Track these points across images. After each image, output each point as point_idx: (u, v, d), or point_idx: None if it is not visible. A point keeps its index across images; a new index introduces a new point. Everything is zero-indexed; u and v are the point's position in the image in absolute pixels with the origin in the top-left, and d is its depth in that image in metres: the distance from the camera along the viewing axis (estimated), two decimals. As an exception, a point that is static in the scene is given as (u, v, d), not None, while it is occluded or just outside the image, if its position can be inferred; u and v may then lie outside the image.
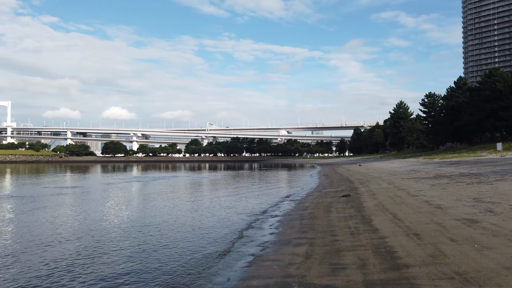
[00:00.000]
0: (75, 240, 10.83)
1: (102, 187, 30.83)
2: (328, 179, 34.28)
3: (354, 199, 16.52)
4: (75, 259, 8.77)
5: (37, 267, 8.19)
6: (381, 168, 42.85)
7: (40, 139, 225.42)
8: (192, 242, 10.23)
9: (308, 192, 23.52)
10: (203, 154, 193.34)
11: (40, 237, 11.15)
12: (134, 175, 53.06)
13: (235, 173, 55.10)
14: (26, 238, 11.15)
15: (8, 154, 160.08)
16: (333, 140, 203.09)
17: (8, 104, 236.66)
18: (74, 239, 10.89)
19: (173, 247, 9.68)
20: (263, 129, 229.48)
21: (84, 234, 11.55)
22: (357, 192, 19.51)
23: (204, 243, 10.06)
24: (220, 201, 20.21)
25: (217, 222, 13.11)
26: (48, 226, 13.11)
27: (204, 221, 13.56)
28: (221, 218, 13.99)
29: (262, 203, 18.41)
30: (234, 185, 32.97)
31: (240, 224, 12.48)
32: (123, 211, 16.95)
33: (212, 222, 13.25)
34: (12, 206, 18.45)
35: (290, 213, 14.29)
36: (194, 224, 13.09)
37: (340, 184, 27.14)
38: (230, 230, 11.68)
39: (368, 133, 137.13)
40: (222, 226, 12.36)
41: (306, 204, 16.58)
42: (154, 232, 11.79)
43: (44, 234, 11.74)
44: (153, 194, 25.08)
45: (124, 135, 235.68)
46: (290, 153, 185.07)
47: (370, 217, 11.40)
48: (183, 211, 16.47)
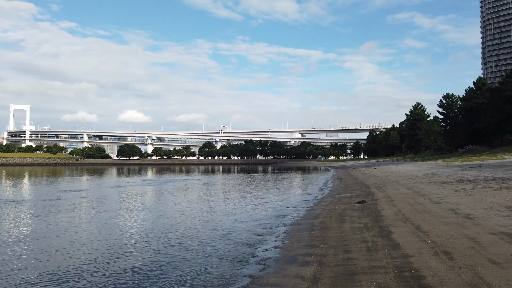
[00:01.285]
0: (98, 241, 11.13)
1: (118, 191, 30.02)
2: (342, 183, 32.77)
3: (370, 206, 15.10)
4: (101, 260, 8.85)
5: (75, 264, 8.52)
6: (398, 171, 41.08)
7: (58, 142, 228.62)
8: (182, 260, 9.01)
9: (320, 197, 22.12)
10: (216, 156, 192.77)
11: (74, 236, 11.78)
12: (150, 178, 52.35)
13: (248, 176, 53.88)
14: (60, 241, 11.26)
15: (26, 157, 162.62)
16: (347, 142, 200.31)
17: (27, 108, 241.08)
18: (97, 241, 11.14)
19: (160, 266, 8.49)
20: (276, 132, 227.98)
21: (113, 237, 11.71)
22: (373, 197, 18.06)
23: (197, 264, 8.84)
24: (225, 207, 18.98)
25: (216, 233, 11.85)
26: (80, 227, 13.51)
27: (203, 232, 12.30)
28: (222, 228, 12.75)
29: (270, 210, 17.12)
30: (244, 190, 31.75)
31: (242, 236, 11.20)
32: (131, 218, 15.89)
33: (211, 233, 11.98)
34: (41, 210, 18.31)
35: (299, 221, 12.97)
36: (190, 236, 11.88)
37: (355, 188, 25.65)
38: (230, 243, 10.40)
39: (383, 135, 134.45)
40: (221, 238, 11.10)
41: (318, 211, 15.22)
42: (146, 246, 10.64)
43: (77, 234, 12.27)
44: (162, 199, 24.06)
45: (139, 138, 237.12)
46: (304, 156, 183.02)
47: (389, 228, 10.01)
48: (182, 219, 15.32)
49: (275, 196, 24.31)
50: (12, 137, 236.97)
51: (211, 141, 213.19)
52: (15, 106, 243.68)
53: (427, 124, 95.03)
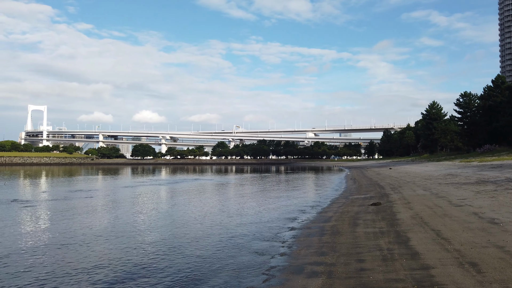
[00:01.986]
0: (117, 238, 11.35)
1: (131, 190, 29.71)
2: (356, 184, 31.83)
3: (385, 208, 14.26)
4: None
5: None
6: (414, 171, 39.88)
7: (74, 142, 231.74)
8: (178, 268, 8.36)
9: (333, 198, 21.30)
10: (229, 156, 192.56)
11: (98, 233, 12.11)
12: (163, 178, 52.13)
13: (260, 177, 53.19)
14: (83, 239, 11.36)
15: (43, 157, 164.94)
16: (361, 142, 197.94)
17: (44, 108, 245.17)
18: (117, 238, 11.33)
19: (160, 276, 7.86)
20: (289, 132, 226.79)
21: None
22: (389, 199, 17.18)
23: (195, 273, 8.18)
24: (232, 208, 18.31)
25: (219, 237, 11.16)
26: (106, 226, 13.65)
27: (204, 237, 11.63)
28: (225, 231, 12.05)
29: (279, 212, 16.38)
30: (254, 190, 31.07)
31: (247, 240, 10.49)
32: (134, 219, 15.37)
33: (214, 237, 11.29)
34: (58, 209, 18.57)
35: (309, 225, 12.21)
36: (190, 240, 11.24)
37: (369, 189, 24.73)
38: (233, 249, 9.69)
39: (398, 135, 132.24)
40: (224, 243, 10.41)
41: (329, 214, 14.43)
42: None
43: (100, 232, 12.46)
44: (169, 200, 23.56)
45: (153, 138, 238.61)
46: (317, 156, 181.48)
47: (406, 234, 9.20)
48: (186, 220, 14.70)
49: (286, 197, 23.57)
50: (30, 137, 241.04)
51: (224, 141, 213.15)
52: (32, 106, 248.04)
53: (444, 124, 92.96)
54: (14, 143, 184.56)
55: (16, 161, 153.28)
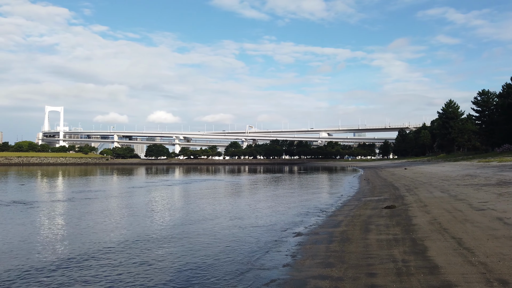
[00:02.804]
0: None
1: (144, 190, 29.31)
2: (370, 185, 30.76)
3: (400, 212, 13.32)
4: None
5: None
6: (430, 172, 38.55)
7: (90, 142, 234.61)
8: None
9: (344, 200, 20.36)
10: (242, 156, 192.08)
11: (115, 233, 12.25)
12: (176, 178, 51.75)
13: (272, 177, 52.36)
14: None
15: (59, 157, 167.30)
16: (376, 142, 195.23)
17: (61, 109, 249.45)
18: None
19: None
20: (303, 132, 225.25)
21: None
22: (404, 202, 16.20)
23: (191, 280, 7.44)
24: (239, 210, 17.55)
25: (218, 243, 10.39)
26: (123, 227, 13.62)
27: (201, 246, 10.88)
28: (225, 236, 11.26)
29: (287, 215, 15.53)
30: (265, 191, 30.28)
31: (247, 247, 9.67)
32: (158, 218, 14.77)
33: (212, 243, 10.53)
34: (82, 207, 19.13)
35: (317, 230, 11.35)
36: (185, 246, 10.51)
37: (383, 191, 23.70)
38: (231, 256, 8.90)
39: (414, 134, 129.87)
40: (222, 250, 9.64)
41: (340, 217, 13.54)
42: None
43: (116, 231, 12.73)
44: (174, 201, 22.96)
45: (167, 138, 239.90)
46: (330, 156, 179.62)
47: (423, 242, 8.30)
48: (186, 221, 14.01)
49: (296, 199, 22.70)
50: (47, 137, 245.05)
51: (237, 141, 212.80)
52: (49, 107, 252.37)
53: (461, 123, 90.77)
54: (32, 143, 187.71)
55: (33, 161, 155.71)
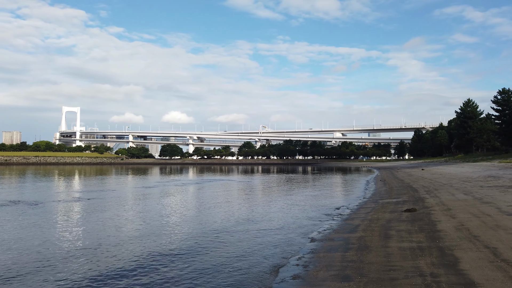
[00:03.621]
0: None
1: (158, 190, 28.81)
2: (386, 186, 29.62)
3: (422, 216, 12.32)
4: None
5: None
6: (449, 173, 37.15)
7: (106, 142, 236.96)
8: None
9: (360, 202, 19.35)
10: (256, 156, 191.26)
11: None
12: (192, 178, 51.27)
13: (285, 177, 51.43)
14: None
15: (75, 156, 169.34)
16: (391, 142, 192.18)
17: (77, 110, 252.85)
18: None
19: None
20: (316, 132, 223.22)
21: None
22: (425, 204, 15.16)
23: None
24: (250, 212, 16.73)
25: (223, 250, 9.57)
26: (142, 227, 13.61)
27: (204, 254, 10.07)
28: (231, 243, 10.43)
29: (299, 218, 14.65)
30: (277, 192, 29.41)
31: (257, 254, 8.84)
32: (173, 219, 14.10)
33: (219, 250, 9.74)
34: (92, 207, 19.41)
35: (331, 236, 10.45)
36: (187, 256, 9.73)
37: (401, 192, 22.61)
38: (235, 267, 8.05)
39: (430, 134, 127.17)
40: (230, 256, 8.84)
41: (356, 221, 12.60)
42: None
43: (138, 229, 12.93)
44: (180, 203, 22.29)
45: (181, 138, 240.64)
46: (344, 156, 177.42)
47: (453, 252, 7.35)
48: (190, 225, 13.27)
49: (309, 200, 21.76)
50: (64, 137, 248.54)
51: (250, 141, 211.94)
52: (66, 108, 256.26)
53: (480, 122, 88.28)
54: (49, 143, 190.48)
55: (50, 160, 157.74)
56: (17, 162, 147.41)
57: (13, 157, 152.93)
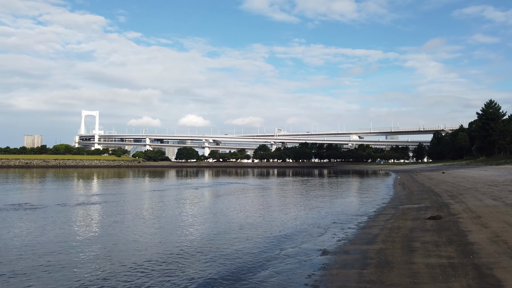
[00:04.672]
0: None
1: (175, 193, 28.11)
2: (406, 190, 28.15)
3: (448, 224, 11.05)
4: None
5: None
6: (472, 176, 35.34)
7: (124, 146, 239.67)
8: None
9: (378, 208, 18.06)
10: (271, 159, 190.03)
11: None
12: (208, 181, 50.53)
13: (301, 180, 50.17)
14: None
15: (93, 159, 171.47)
16: (409, 145, 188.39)
17: (96, 113, 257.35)
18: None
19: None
20: (332, 134, 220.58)
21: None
22: (450, 211, 13.84)
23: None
24: (261, 218, 15.65)
25: (226, 261, 8.55)
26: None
27: (209, 257, 9.06)
28: (238, 252, 9.43)
29: (311, 225, 13.49)
30: (291, 196, 28.24)
31: (259, 272, 7.76)
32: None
33: (218, 259, 8.71)
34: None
35: (346, 247, 9.29)
36: (176, 273, 8.72)
37: (423, 197, 21.20)
38: (236, 283, 7.05)
39: (450, 137, 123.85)
40: (227, 271, 7.81)
41: (374, 230, 11.40)
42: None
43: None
44: (185, 207, 21.36)
45: (197, 141, 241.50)
46: (361, 159, 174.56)
47: (493, 271, 6.16)
48: (189, 232, 12.29)
49: (324, 205, 20.54)
50: (83, 140, 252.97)
51: (265, 144, 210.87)
52: (86, 112, 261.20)
53: (502, 124, 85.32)
54: (68, 146, 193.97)
55: (69, 163, 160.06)
56: (37, 165, 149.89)
57: (33, 160, 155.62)
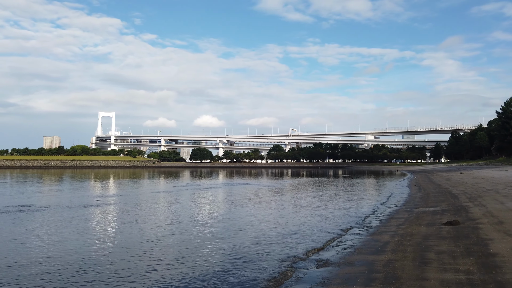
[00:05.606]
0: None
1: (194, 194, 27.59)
2: (421, 191, 26.92)
3: (467, 231, 10.02)
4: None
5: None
6: (492, 177, 33.79)
7: (139, 146, 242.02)
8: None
9: (391, 211, 16.99)
10: (285, 160, 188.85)
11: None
12: (222, 181, 50.00)
13: (314, 181, 49.10)
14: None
15: (109, 160, 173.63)
16: (426, 145, 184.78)
17: (112, 115, 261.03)
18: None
19: None
20: (347, 134, 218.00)
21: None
22: (469, 215, 12.76)
23: None
24: (264, 219, 14.80)
25: (209, 274, 7.75)
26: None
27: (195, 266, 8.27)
28: (224, 261, 8.62)
29: (315, 230, 12.53)
30: (298, 196, 27.29)
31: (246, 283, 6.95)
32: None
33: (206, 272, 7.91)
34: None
35: (351, 258, 8.36)
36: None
37: (439, 199, 20.03)
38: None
39: (468, 136, 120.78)
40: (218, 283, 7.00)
41: (385, 237, 10.43)
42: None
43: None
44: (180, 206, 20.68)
45: (211, 141, 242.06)
46: (377, 159, 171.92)
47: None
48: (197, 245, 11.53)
49: (334, 207, 19.54)
50: (99, 141, 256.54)
51: (280, 144, 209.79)
52: (102, 113, 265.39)
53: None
54: (85, 147, 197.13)
55: (85, 164, 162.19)
56: (55, 165, 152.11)
57: (51, 160, 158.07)
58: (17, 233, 12.63)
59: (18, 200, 23.99)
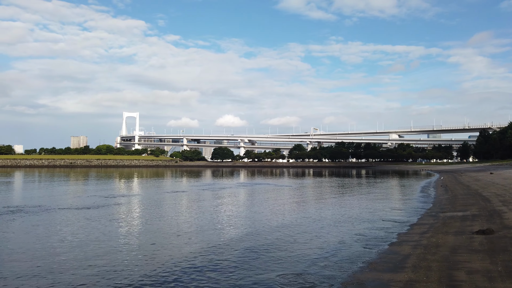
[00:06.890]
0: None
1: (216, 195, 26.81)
2: (448, 193, 25.06)
3: (504, 242, 8.52)
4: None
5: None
6: (526, 178, 31.49)
7: (162, 146, 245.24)
8: None
9: (414, 216, 15.40)
10: (307, 159, 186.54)
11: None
12: (242, 181, 49.16)
13: (336, 182, 47.48)
14: None
15: (133, 159, 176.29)
16: (453, 144, 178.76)
17: (136, 115, 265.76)
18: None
19: None
20: (370, 133, 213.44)
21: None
22: (504, 222, 11.16)
23: None
24: (275, 226, 13.57)
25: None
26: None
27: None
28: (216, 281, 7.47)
29: (328, 240, 11.12)
30: (317, 199, 25.90)
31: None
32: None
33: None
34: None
35: (363, 276, 7.01)
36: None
37: (468, 202, 18.29)
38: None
39: (498, 135, 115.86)
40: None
41: (405, 248, 9.01)
42: None
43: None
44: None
45: (232, 141, 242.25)
46: (401, 159, 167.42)
47: None
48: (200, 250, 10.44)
49: (352, 212, 18.05)
50: (124, 141, 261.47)
51: (301, 144, 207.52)
52: (127, 113, 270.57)
53: (559, 120, 78.24)
54: (109, 147, 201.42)
55: (110, 163, 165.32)
56: (81, 164, 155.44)
57: (77, 160, 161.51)
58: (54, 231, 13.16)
59: (45, 200, 23.68)
